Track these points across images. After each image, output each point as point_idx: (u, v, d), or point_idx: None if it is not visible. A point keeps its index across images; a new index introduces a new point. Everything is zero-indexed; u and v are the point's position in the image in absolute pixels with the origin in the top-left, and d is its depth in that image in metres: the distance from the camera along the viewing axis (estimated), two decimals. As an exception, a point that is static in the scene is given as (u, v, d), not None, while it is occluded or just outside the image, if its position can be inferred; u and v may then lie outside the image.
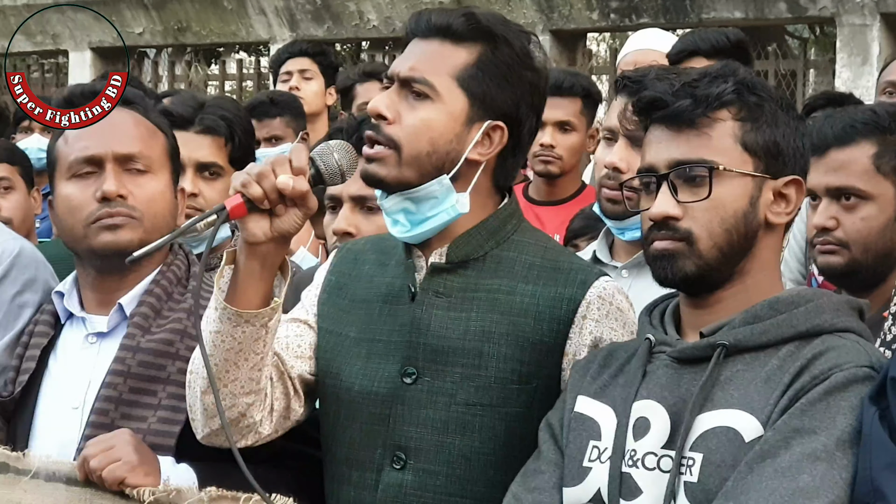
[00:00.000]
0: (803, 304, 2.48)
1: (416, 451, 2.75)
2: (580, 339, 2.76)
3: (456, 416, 2.74)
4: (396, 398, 2.76)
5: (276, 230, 2.56)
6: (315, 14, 11.08)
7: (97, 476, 2.74)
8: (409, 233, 2.79)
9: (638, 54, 5.71)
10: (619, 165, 3.44)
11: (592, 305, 2.77)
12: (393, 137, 2.73)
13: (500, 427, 2.74)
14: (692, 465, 2.37)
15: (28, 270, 3.31)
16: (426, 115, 2.73)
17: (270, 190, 2.52)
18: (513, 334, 2.75)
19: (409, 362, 2.77)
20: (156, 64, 13.41)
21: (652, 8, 9.62)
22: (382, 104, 2.75)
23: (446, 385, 2.74)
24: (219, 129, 3.98)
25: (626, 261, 3.55)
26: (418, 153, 2.73)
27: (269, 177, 2.53)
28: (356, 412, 2.81)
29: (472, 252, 2.80)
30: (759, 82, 2.56)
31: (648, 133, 2.58)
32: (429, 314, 2.77)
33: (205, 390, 2.65)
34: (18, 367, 3.07)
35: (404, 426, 2.76)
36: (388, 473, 2.76)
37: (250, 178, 2.53)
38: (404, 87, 2.76)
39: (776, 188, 2.52)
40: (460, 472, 2.74)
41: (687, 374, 2.46)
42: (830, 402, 2.32)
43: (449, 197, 2.76)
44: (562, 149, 5.44)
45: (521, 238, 2.85)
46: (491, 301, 2.77)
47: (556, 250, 2.90)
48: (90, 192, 3.06)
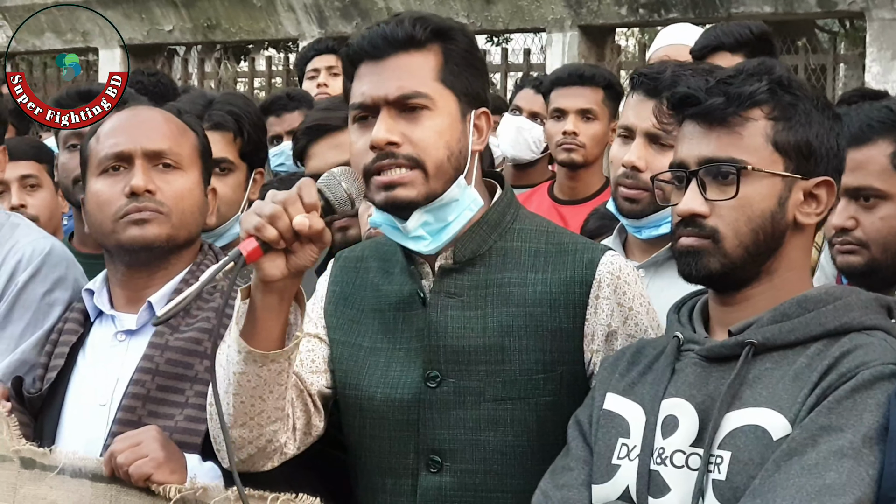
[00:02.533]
0: (832, 302, 2.47)
1: (450, 452, 2.75)
2: (596, 319, 2.78)
3: (486, 414, 2.75)
4: (422, 403, 2.77)
5: (292, 267, 2.51)
6: (343, 10, 11.09)
7: (124, 472, 2.74)
8: (433, 244, 2.78)
9: (669, 49, 5.68)
10: (637, 164, 3.43)
11: (603, 283, 2.78)
12: (413, 156, 2.71)
13: (531, 418, 2.75)
14: (720, 463, 2.37)
15: (58, 269, 3.33)
16: (432, 124, 2.73)
17: (285, 230, 2.46)
18: (531, 325, 2.76)
19: (431, 366, 2.77)
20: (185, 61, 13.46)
21: (681, 3, 9.59)
22: (385, 132, 2.70)
23: (472, 384, 2.75)
24: (227, 124, 4.00)
25: (640, 259, 3.53)
26: (440, 161, 2.72)
27: (282, 217, 2.46)
28: (382, 421, 2.81)
29: (478, 248, 2.81)
30: (796, 81, 2.55)
31: (682, 128, 2.58)
32: (444, 316, 2.78)
33: (232, 425, 2.61)
34: (47, 364, 3.10)
35: (435, 429, 2.76)
36: (425, 478, 2.77)
37: (263, 220, 2.46)
38: (395, 108, 2.73)
39: (807, 188, 2.51)
40: (497, 467, 2.75)
41: (715, 372, 2.46)
42: (857, 400, 2.31)
43: (466, 194, 2.78)
44: (585, 137, 5.44)
45: (522, 226, 2.86)
46: (504, 295, 2.78)
47: (557, 233, 2.91)
48: (119, 187, 3.07)
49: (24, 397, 3.08)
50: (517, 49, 11.88)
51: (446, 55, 2.77)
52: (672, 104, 2.59)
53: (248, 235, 2.48)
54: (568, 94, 5.49)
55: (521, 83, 6.62)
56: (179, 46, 13.24)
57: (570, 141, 5.43)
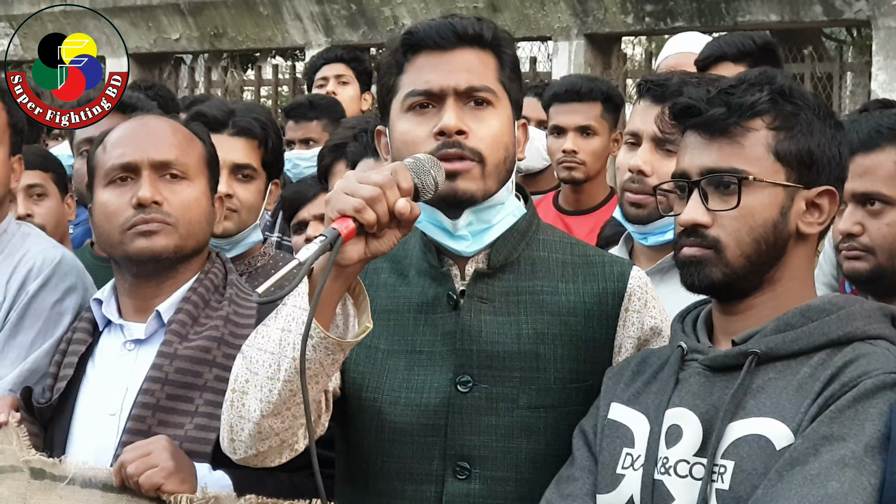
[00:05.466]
0: (835, 312, 2.48)
1: (481, 459, 2.72)
2: (625, 332, 2.79)
3: (520, 421, 2.73)
4: (452, 408, 2.73)
5: (370, 251, 2.46)
6: (350, 19, 11.11)
7: (134, 482, 2.75)
8: (473, 246, 2.77)
9: (679, 57, 5.69)
10: (643, 168, 3.43)
11: (633, 296, 2.80)
12: (478, 149, 2.70)
13: (563, 427, 2.73)
14: (724, 472, 2.37)
15: (68, 278, 3.34)
16: (496, 122, 2.73)
17: (384, 214, 2.42)
18: (566, 334, 2.76)
19: (463, 370, 2.74)
20: (192, 70, 13.48)
21: (687, 11, 9.59)
22: (456, 119, 2.69)
23: (506, 390, 2.73)
24: (254, 130, 4.02)
25: (646, 266, 3.52)
26: (499, 161, 2.73)
27: (381, 201, 2.41)
28: (405, 425, 2.75)
29: (510, 255, 2.80)
30: (797, 90, 2.55)
31: (684, 138, 2.58)
32: (478, 320, 2.76)
33: (267, 414, 2.51)
34: (56, 373, 3.10)
35: (465, 435, 2.73)
36: (452, 484, 2.72)
37: (362, 202, 2.41)
38: (461, 99, 2.72)
39: (809, 198, 2.52)
40: (528, 475, 2.73)
41: (719, 382, 2.47)
42: (859, 409, 2.32)
43: (510, 200, 2.79)
44: (584, 154, 5.45)
45: (546, 237, 2.87)
46: (537, 303, 2.77)
47: (580, 245, 2.92)
48: (126, 198, 3.08)
49: (34, 407, 3.08)
50: (523, 57, 11.88)
51: (502, 60, 2.78)
52: (674, 114, 2.60)
53: (340, 216, 2.42)
54: (565, 110, 5.49)
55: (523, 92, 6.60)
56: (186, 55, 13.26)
57: (570, 159, 5.45)
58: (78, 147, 4.59)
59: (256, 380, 2.52)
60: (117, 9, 12.00)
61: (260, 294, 2.35)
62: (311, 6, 11.27)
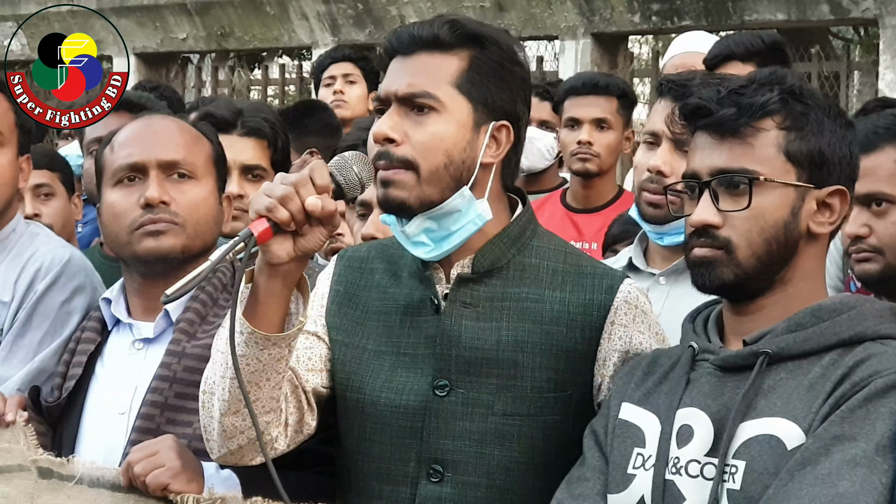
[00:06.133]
0: (846, 312, 2.47)
1: (453, 463, 2.73)
2: (609, 345, 2.76)
3: (494, 427, 2.72)
4: (429, 411, 2.74)
5: (299, 250, 2.50)
6: (357, 19, 11.11)
7: (141, 482, 2.75)
8: (434, 252, 2.76)
9: (685, 56, 5.69)
10: (662, 169, 3.42)
11: (620, 310, 2.77)
12: (407, 157, 2.69)
13: (538, 436, 2.73)
14: (735, 472, 2.37)
15: (77, 278, 3.34)
16: (436, 129, 2.70)
17: (297, 212, 2.45)
18: (546, 343, 2.74)
19: (441, 374, 2.74)
20: (199, 69, 13.49)
21: (694, 10, 9.58)
22: (386, 127, 2.70)
23: (482, 396, 2.73)
24: (263, 130, 4.02)
25: (661, 266, 3.52)
26: (436, 168, 2.69)
27: (293, 199, 2.45)
28: (384, 426, 2.77)
29: (497, 261, 2.79)
30: (807, 89, 2.55)
31: (694, 138, 2.58)
32: (458, 325, 2.75)
33: (225, 412, 2.59)
34: (65, 373, 3.11)
35: (440, 439, 2.73)
36: (425, 487, 2.73)
37: (274, 201, 2.45)
38: (404, 105, 2.72)
39: (819, 198, 2.51)
40: (500, 482, 2.73)
41: (730, 382, 2.46)
42: (870, 409, 2.32)
43: (472, 207, 2.73)
44: (599, 146, 5.46)
45: (541, 244, 2.84)
46: (521, 310, 2.76)
47: (575, 254, 2.89)
48: (134, 198, 3.08)
49: (42, 406, 3.08)
50: (530, 57, 11.87)
51: (472, 62, 2.74)
52: (684, 115, 2.59)
53: (258, 216, 2.46)
54: (582, 103, 5.50)
55: None
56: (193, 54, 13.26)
57: (585, 150, 5.45)
58: (87, 146, 4.59)
59: (215, 378, 2.60)
60: (124, 8, 12.01)
61: (168, 294, 2.42)
62: (317, 6, 11.27)
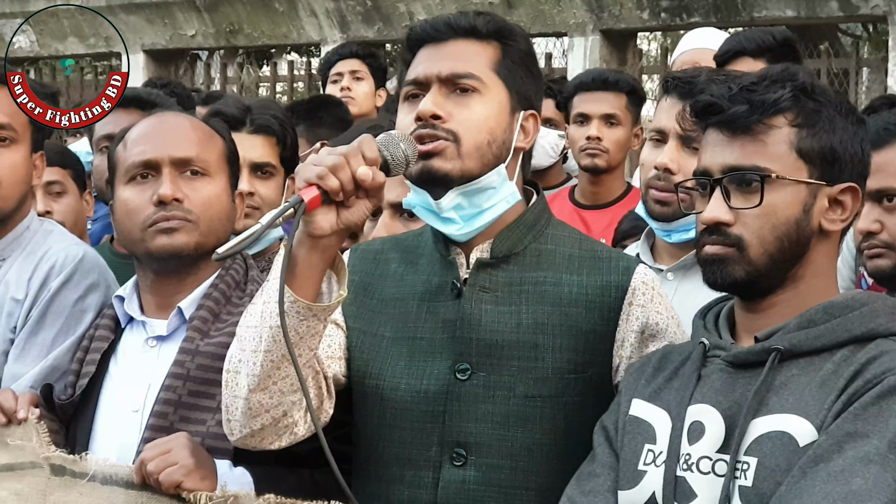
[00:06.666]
0: (858, 308, 2.47)
1: (476, 446, 2.74)
2: (627, 326, 2.79)
3: (516, 409, 2.74)
4: (450, 395, 2.75)
5: (343, 222, 2.49)
6: (365, 15, 11.11)
7: (154, 480, 2.76)
8: (463, 229, 2.79)
9: (694, 53, 5.69)
10: (669, 166, 3.42)
11: (638, 291, 2.81)
12: (452, 130, 2.72)
13: (559, 417, 2.75)
14: (747, 469, 2.37)
15: (90, 275, 3.35)
16: (481, 108, 2.75)
17: (347, 181, 2.45)
18: (566, 325, 2.77)
19: (462, 358, 2.76)
20: (208, 66, 13.49)
21: (703, 7, 9.58)
22: (431, 104, 2.73)
23: (503, 379, 2.74)
24: (273, 127, 4.03)
25: (668, 263, 3.52)
26: (479, 143, 2.73)
27: (344, 168, 2.45)
28: (405, 412, 2.79)
29: (514, 246, 2.82)
30: (819, 86, 2.55)
31: (705, 136, 2.58)
32: (478, 309, 2.77)
33: (254, 388, 2.56)
34: (79, 370, 3.12)
35: (462, 422, 2.75)
36: (448, 470, 2.74)
37: (325, 169, 2.45)
38: (446, 86, 2.76)
39: (831, 195, 2.51)
40: (523, 464, 2.74)
41: (742, 379, 2.47)
42: (883, 406, 2.32)
43: (505, 186, 2.78)
44: (608, 142, 5.47)
45: (555, 232, 2.89)
46: (539, 293, 2.79)
47: (589, 241, 2.94)
48: (147, 195, 3.09)
49: (55, 404, 3.09)
50: (539, 53, 11.86)
51: (504, 51, 2.80)
52: (695, 112, 2.59)
53: (307, 185, 2.46)
54: (592, 99, 5.52)
55: None
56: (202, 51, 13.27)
57: (594, 146, 5.46)
58: (97, 143, 4.60)
59: (244, 355, 2.58)
60: (133, 5, 12.02)
61: (219, 253, 2.41)
62: (326, 2, 11.27)
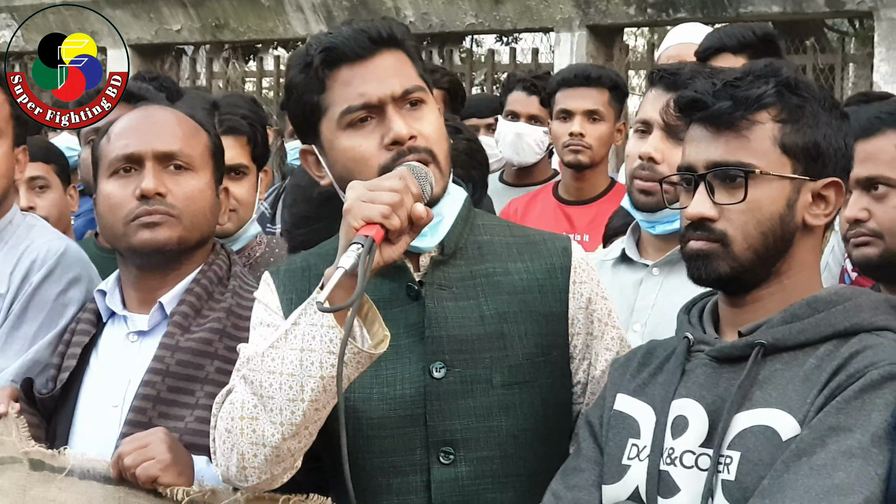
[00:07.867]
0: (842, 303, 2.48)
1: (464, 441, 2.73)
2: (576, 304, 2.83)
3: (497, 400, 2.74)
4: (429, 395, 2.73)
5: (384, 259, 2.49)
6: (352, 10, 11.09)
7: (131, 474, 2.76)
8: (433, 239, 2.77)
9: (680, 47, 5.69)
10: (654, 156, 3.41)
11: (579, 269, 2.85)
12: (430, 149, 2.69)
13: (536, 401, 2.77)
14: (730, 463, 2.38)
15: (72, 269, 3.33)
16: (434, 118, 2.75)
17: (405, 220, 2.47)
18: (525, 311, 2.78)
19: (436, 357, 2.73)
20: (193, 61, 13.45)
21: (689, 2, 9.58)
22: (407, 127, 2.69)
23: (480, 372, 2.74)
24: (242, 129, 4.03)
25: (654, 257, 3.51)
26: (445, 154, 2.75)
27: (403, 206, 2.46)
28: (382, 419, 2.74)
29: (458, 241, 2.81)
30: (803, 82, 2.55)
31: (690, 131, 2.58)
32: (442, 307, 2.76)
33: (289, 436, 2.51)
34: (60, 364, 3.10)
35: (445, 420, 2.73)
36: (438, 471, 2.72)
37: (388, 208, 2.44)
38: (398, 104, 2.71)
39: (815, 190, 2.51)
40: (511, 451, 2.74)
41: (725, 373, 2.47)
42: (865, 400, 2.32)
43: (452, 187, 2.80)
44: (591, 138, 5.48)
45: (484, 222, 2.89)
46: (493, 285, 2.79)
47: (517, 227, 2.96)
48: (130, 189, 3.07)
49: (35, 398, 3.08)
50: (525, 49, 11.88)
51: (412, 56, 2.79)
52: (680, 107, 2.59)
53: (367, 223, 2.44)
54: (574, 95, 5.52)
55: (508, 85, 6.52)
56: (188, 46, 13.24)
57: (577, 142, 5.47)
58: (85, 136, 4.59)
59: (273, 403, 2.51)
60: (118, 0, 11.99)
61: (322, 303, 2.37)
62: (312, -3, 11.27)
